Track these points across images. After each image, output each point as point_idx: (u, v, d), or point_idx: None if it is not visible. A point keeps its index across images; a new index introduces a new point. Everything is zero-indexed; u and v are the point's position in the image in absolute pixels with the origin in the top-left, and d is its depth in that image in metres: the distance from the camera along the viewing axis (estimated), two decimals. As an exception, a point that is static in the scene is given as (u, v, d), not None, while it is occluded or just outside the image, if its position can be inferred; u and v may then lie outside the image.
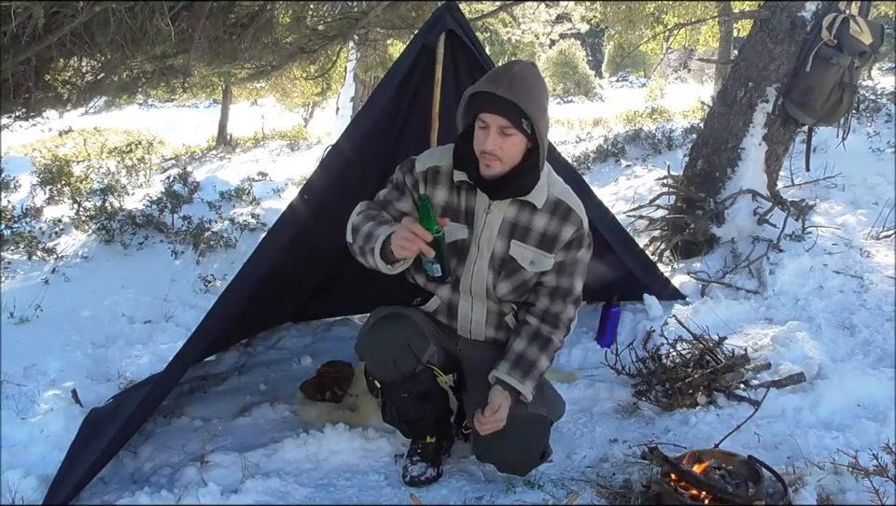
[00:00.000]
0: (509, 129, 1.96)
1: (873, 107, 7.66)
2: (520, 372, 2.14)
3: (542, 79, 2.05)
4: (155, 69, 4.96)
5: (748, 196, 4.17)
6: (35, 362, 3.57)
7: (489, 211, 2.14)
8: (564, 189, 2.21)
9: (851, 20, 3.75)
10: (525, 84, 1.95)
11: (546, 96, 2.04)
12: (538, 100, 1.98)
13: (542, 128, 2.00)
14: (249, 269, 2.55)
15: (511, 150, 2.00)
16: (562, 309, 2.22)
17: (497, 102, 1.94)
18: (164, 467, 2.52)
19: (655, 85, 22.53)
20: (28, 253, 5.81)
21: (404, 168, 2.20)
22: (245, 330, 3.67)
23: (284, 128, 17.36)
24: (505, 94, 1.91)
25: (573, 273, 2.21)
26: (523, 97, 1.93)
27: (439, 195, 2.16)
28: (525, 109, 1.94)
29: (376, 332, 2.16)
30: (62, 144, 13.45)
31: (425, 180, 2.16)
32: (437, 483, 2.31)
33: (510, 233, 2.15)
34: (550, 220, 2.15)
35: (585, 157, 8.90)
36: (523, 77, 1.96)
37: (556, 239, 2.15)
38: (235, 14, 4.41)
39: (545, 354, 2.19)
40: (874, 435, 2.38)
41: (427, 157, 2.19)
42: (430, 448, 2.37)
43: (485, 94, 1.96)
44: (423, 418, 2.35)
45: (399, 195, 2.20)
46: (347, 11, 5.33)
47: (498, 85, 1.93)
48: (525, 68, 2.00)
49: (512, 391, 2.12)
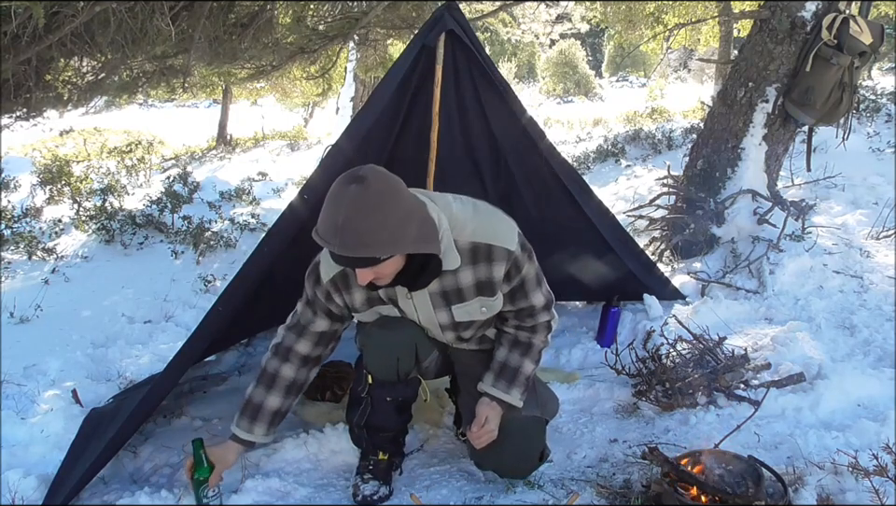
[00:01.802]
0: (371, 267, 1.80)
1: (873, 107, 7.66)
2: (505, 382, 2.13)
3: (377, 194, 1.70)
4: (155, 69, 4.97)
5: (748, 196, 4.17)
6: (35, 362, 3.58)
7: (410, 297, 2.05)
8: (475, 220, 1.97)
9: (851, 20, 3.75)
10: (359, 231, 1.69)
11: (389, 206, 1.71)
12: (376, 233, 1.70)
13: (408, 238, 1.76)
14: (249, 269, 2.56)
15: (389, 270, 1.84)
16: (534, 322, 2.17)
17: (340, 259, 1.77)
18: (164, 467, 2.52)
19: (655, 85, 22.53)
20: (28, 253, 5.81)
21: (311, 278, 2.11)
22: (245, 330, 3.66)
23: (284, 128, 17.35)
24: (342, 252, 1.72)
25: (526, 292, 2.09)
26: (360, 247, 1.71)
27: (357, 297, 2.08)
28: (371, 256, 1.74)
29: (387, 329, 2.14)
30: (62, 144, 13.44)
31: (336, 288, 2.07)
32: (388, 501, 2.26)
33: (445, 302, 2.06)
34: (475, 269, 1.98)
35: (585, 157, 8.90)
36: (354, 223, 1.68)
37: (492, 282, 2.01)
38: (235, 14, 4.42)
39: (528, 358, 2.16)
40: (874, 435, 2.37)
41: (328, 263, 2.01)
42: (382, 465, 2.32)
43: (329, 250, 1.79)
44: (388, 429, 2.33)
45: (312, 316, 2.17)
46: (347, 11, 5.33)
47: (333, 243, 1.72)
48: (353, 206, 1.67)
49: (500, 402, 2.11)
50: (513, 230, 2.01)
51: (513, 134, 3.08)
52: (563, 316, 3.81)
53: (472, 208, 2.01)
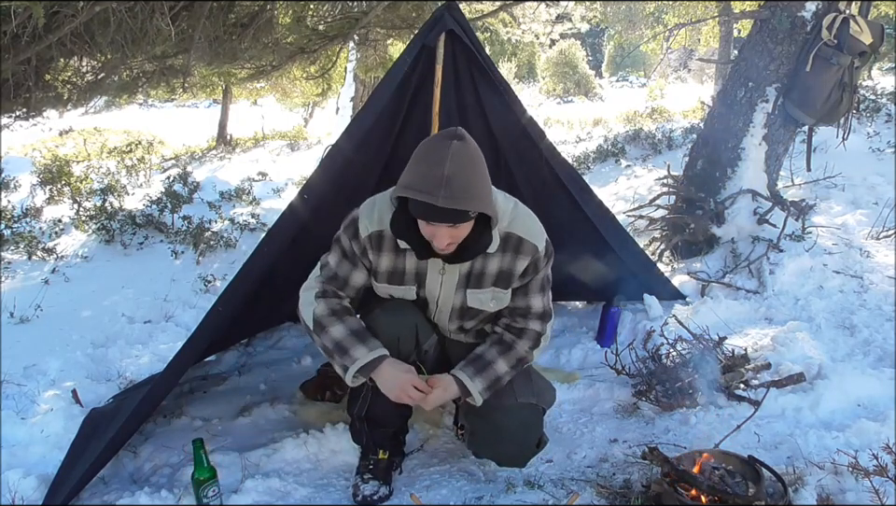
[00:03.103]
0: (457, 225, 1.86)
1: (873, 107, 7.66)
2: (472, 369, 2.10)
3: (475, 151, 1.83)
4: (155, 69, 4.97)
5: (748, 196, 4.17)
6: (35, 362, 3.58)
7: (444, 272, 2.07)
8: (513, 214, 2.06)
9: (851, 20, 3.75)
10: (465, 183, 1.76)
11: (483, 165, 1.85)
12: (479, 187, 1.82)
13: (489, 201, 1.87)
14: (249, 269, 2.56)
15: (462, 234, 1.91)
16: (524, 324, 2.16)
17: (438, 212, 1.78)
18: (164, 467, 2.52)
19: (655, 85, 22.54)
20: (28, 253, 5.81)
21: (349, 231, 2.09)
22: (245, 330, 3.67)
23: (284, 128, 17.36)
24: (447, 204, 1.75)
25: (527, 292, 2.13)
26: (465, 200, 1.77)
27: (384, 262, 2.08)
28: (469, 209, 1.81)
29: (389, 312, 2.13)
30: (62, 144, 13.45)
31: (371, 245, 2.07)
32: (388, 501, 2.25)
33: (465, 284, 2.10)
34: (502, 258, 2.06)
35: (585, 157, 8.90)
36: (460, 176, 1.75)
37: (511, 274, 2.08)
38: (235, 14, 4.41)
39: (504, 358, 2.12)
40: (874, 435, 2.38)
41: (369, 218, 2.05)
42: (382, 464, 2.32)
43: (423, 204, 1.78)
44: (388, 425, 2.33)
45: (351, 267, 2.12)
46: (347, 11, 5.33)
47: (436, 195, 1.74)
48: (458, 159, 1.76)
49: (459, 385, 2.09)
50: (544, 233, 2.10)
51: (513, 134, 3.08)
52: (563, 315, 3.83)
53: (513, 204, 2.09)
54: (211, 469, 2.17)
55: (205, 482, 2.16)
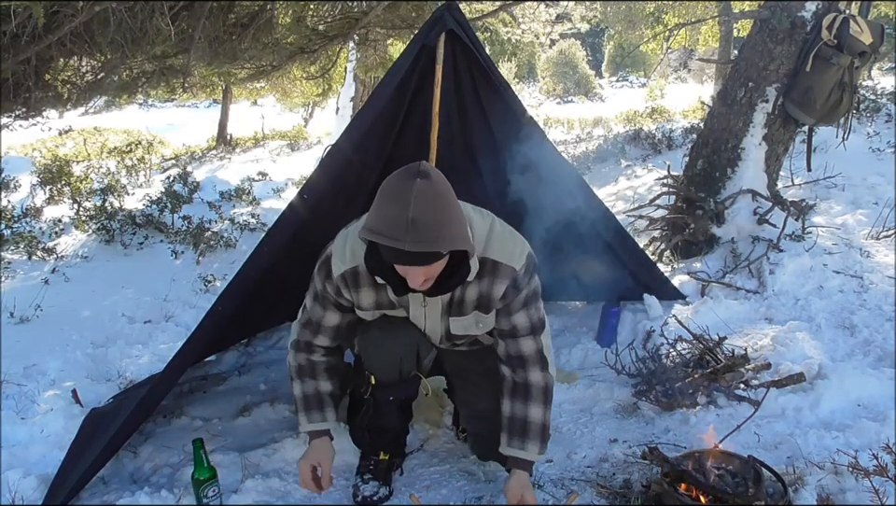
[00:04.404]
0: (430, 265, 1.75)
1: (873, 107, 7.66)
2: (518, 439, 2.05)
3: (442, 186, 1.68)
4: (155, 69, 4.97)
5: (748, 196, 4.17)
6: (35, 362, 3.58)
7: (426, 304, 2.03)
8: (489, 236, 1.95)
9: (851, 20, 3.75)
10: (431, 224, 1.63)
11: (450, 200, 1.71)
12: (447, 226, 1.68)
13: (461, 235, 1.74)
14: (249, 269, 2.55)
15: (437, 270, 1.80)
16: (516, 347, 2.07)
17: (407, 256, 1.67)
18: (164, 467, 2.52)
19: (655, 85, 22.55)
20: (28, 253, 5.81)
21: (321, 272, 2.02)
22: (245, 330, 3.67)
23: (284, 128, 17.38)
24: (414, 249, 1.63)
25: (510, 312, 2.04)
26: (433, 242, 1.65)
27: (365, 298, 2.02)
28: (439, 249, 1.69)
29: (388, 332, 2.11)
30: (62, 144, 13.46)
31: (346, 285, 1.99)
32: (388, 501, 2.25)
33: (447, 312, 2.05)
34: (479, 284, 1.97)
35: (585, 157, 8.92)
36: (426, 217, 1.62)
37: (490, 298, 1.99)
38: (235, 14, 4.42)
39: (532, 403, 2.05)
40: (874, 435, 2.38)
41: (341, 258, 1.97)
42: (383, 465, 2.32)
43: (391, 249, 1.67)
44: (390, 429, 2.33)
45: (322, 311, 2.08)
46: (347, 11, 5.33)
47: (403, 240, 1.62)
48: (423, 199, 1.62)
49: (522, 462, 2.06)
50: (524, 252, 1.99)
51: (513, 134, 3.08)
52: (563, 316, 3.83)
53: (490, 224, 1.98)
54: (211, 469, 2.17)
55: (205, 482, 2.15)
